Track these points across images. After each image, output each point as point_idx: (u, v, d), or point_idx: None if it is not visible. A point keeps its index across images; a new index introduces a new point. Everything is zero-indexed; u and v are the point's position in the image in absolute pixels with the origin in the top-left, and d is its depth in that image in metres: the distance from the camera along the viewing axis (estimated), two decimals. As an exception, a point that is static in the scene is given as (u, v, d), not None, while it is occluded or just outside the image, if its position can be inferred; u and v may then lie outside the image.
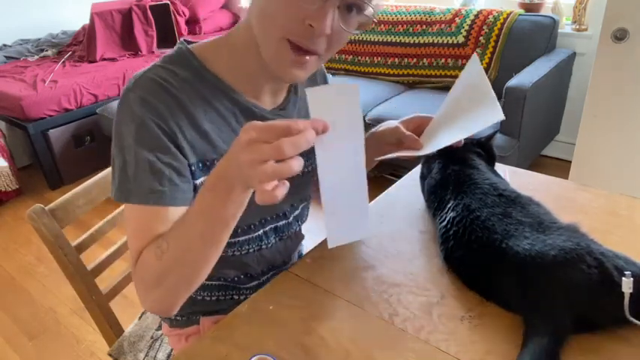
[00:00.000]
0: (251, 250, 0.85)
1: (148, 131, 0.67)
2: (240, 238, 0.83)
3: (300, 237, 0.99)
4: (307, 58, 0.67)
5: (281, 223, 0.88)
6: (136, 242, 0.68)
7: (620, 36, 1.67)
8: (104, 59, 3.11)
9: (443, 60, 2.63)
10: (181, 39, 0.77)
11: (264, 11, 0.65)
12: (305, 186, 0.91)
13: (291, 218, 0.90)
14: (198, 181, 0.73)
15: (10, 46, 3.31)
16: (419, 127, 0.87)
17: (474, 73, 0.82)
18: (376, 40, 2.85)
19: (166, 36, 3.32)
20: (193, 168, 0.72)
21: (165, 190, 0.67)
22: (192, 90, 0.71)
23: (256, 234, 0.84)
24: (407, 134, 0.85)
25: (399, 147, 0.86)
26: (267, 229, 0.86)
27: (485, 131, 1.05)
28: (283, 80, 0.75)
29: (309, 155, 0.87)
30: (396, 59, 2.79)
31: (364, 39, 2.90)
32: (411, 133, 0.85)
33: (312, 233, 0.99)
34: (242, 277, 0.89)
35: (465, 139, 1.00)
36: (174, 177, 0.68)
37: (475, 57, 0.82)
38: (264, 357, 0.66)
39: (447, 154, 0.96)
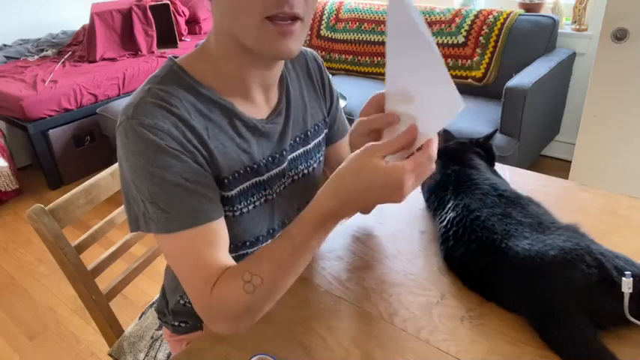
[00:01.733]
0: None
1: (168, 154, 0.64)
2: (249, 250, 0.83)
3: None
4: (292, 27, 0.65)
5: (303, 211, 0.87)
6: (197, 272, 0.66)
7: (620, 36, 1.67)
8: (104, 59, 3.11)
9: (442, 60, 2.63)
10: (170, 55, 0.74)
11: (232, 5, 0.64)
12: (311, 186, 0.89)
13: None
14: (232, 192, 0.74)
15: (10, 46, 3.31)
16: (378, 105, 0.74)
17: (400, 18, 0.61)
18: (376, 40, 2.85)
19: (166, 36, 3.31)
20: (226, 182, 0.72)
21: (205, 208, 0.67)
22: (192, 107, 0.69)
23: (264, 244, 0.83)
24: (376, 116, 0.70)
25: (379, 135, 0.72)
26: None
27: (485, 130, 1.05)
28: (278, 58, 0.72)
29: (310, 154, 0.87)
30: (396, 59, 2.79)
31: (364, 39, 2.90)
32: (379, 114, 0.70)
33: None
34: None
35: (465, 139, 1.01)
36: (207, 192, 0.68)
37: None
38: (264, 357, 0.66)
39: (447, 154, 0.96)
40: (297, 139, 0.84)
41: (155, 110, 0.66)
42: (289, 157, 0.82)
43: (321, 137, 0.90)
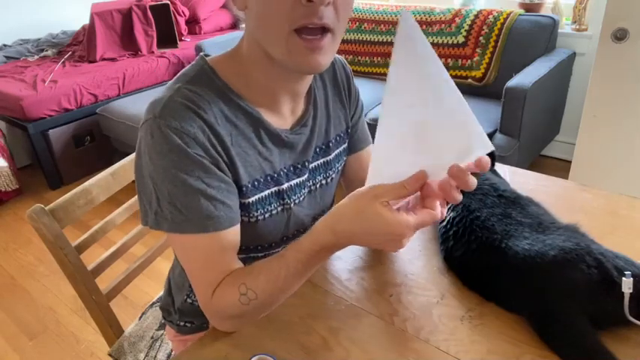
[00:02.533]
0: None
1: (192, 160, 0.64)
2: (260, 254, 0.83)
3: None
4: (322, 41, 0.63)
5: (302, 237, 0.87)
6: (204, 274, 0.69)
7: (620, 36, 1.67)
8: (104, 59, 3.11)
9: (443, 60, 2.62)
10: (201, 54, 0.74)
11: (261, 16, 0.63)
12: (327, 196, 0.89)
13: None
14: (250, 200, 0.74)
15: (10, 46, 3.31)
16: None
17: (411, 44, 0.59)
18: (376, 40, 2.85)
19: (166, 36, 3.31)
20: (244, 190, 0.72)
21: (221, 215, 0.67)
22: (219, 112, 0.69)
23: (276, 250, 0.83)
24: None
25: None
26: (287, 245, 0.85)
27: (485, 130, 1.05)
28: (305, 72, 0.71)
29: (330, 165, 0.86)
30: (396, 59, 2.79)
31: (364, 39, 2.90)
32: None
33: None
34: None
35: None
36: (225, 199, 0.68)
37: (406, 13, 0.60)
38: (264, 357, 0.66)
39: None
40: (318, 149, 0.83)
41: (183, 112, 0.65)
42: (309, 168, 0.82)
43: (341, 148, 0.89)
